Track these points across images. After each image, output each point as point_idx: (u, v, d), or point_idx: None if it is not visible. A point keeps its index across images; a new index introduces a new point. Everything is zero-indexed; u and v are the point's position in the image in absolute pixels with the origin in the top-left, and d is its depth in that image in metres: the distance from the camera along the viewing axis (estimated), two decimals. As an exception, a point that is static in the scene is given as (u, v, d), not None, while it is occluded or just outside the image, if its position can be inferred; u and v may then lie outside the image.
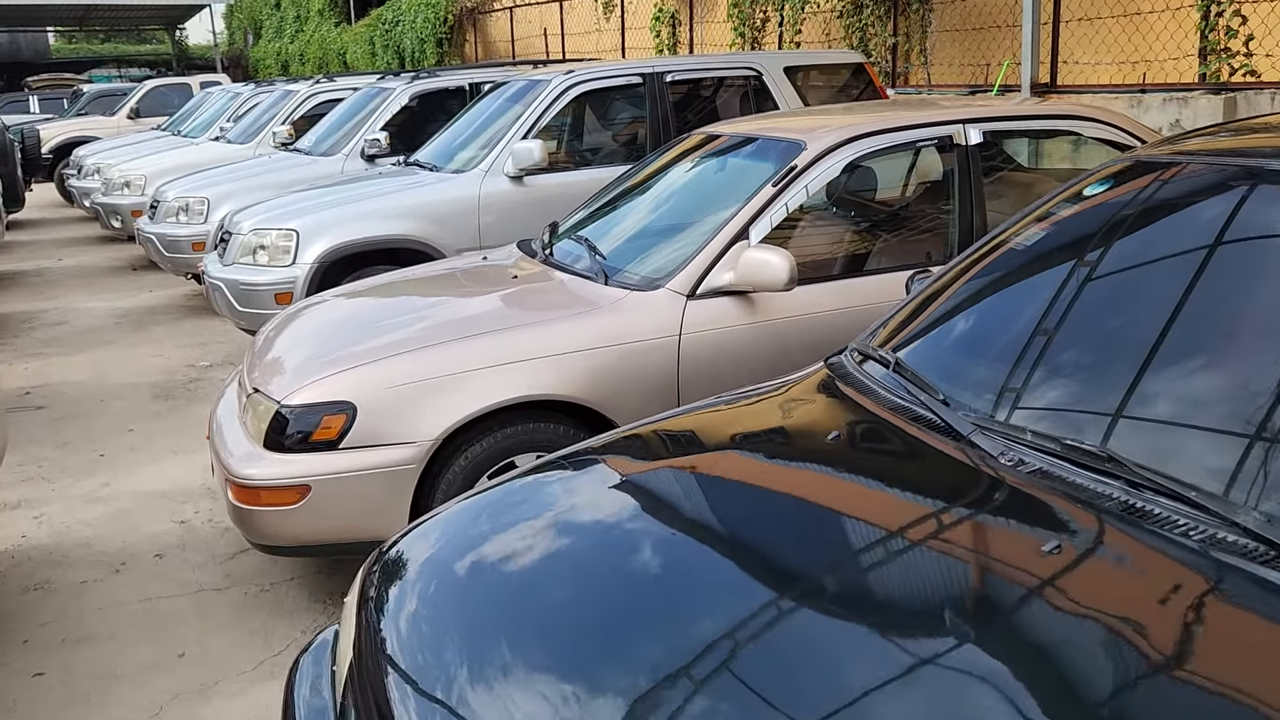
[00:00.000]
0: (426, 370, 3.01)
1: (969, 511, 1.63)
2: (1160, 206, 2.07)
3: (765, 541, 1.65)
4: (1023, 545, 1.50)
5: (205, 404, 5.55)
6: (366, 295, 3.87)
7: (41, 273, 9.96)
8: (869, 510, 1.70)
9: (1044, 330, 1.97)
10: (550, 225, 4.27)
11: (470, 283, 3.80)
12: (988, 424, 1.81)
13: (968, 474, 1.72)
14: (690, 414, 2.25)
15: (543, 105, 5.82)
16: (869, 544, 1.58)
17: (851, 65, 6.67)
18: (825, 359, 2.39)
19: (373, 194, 5.73)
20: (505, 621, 1.59)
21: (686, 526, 1.76)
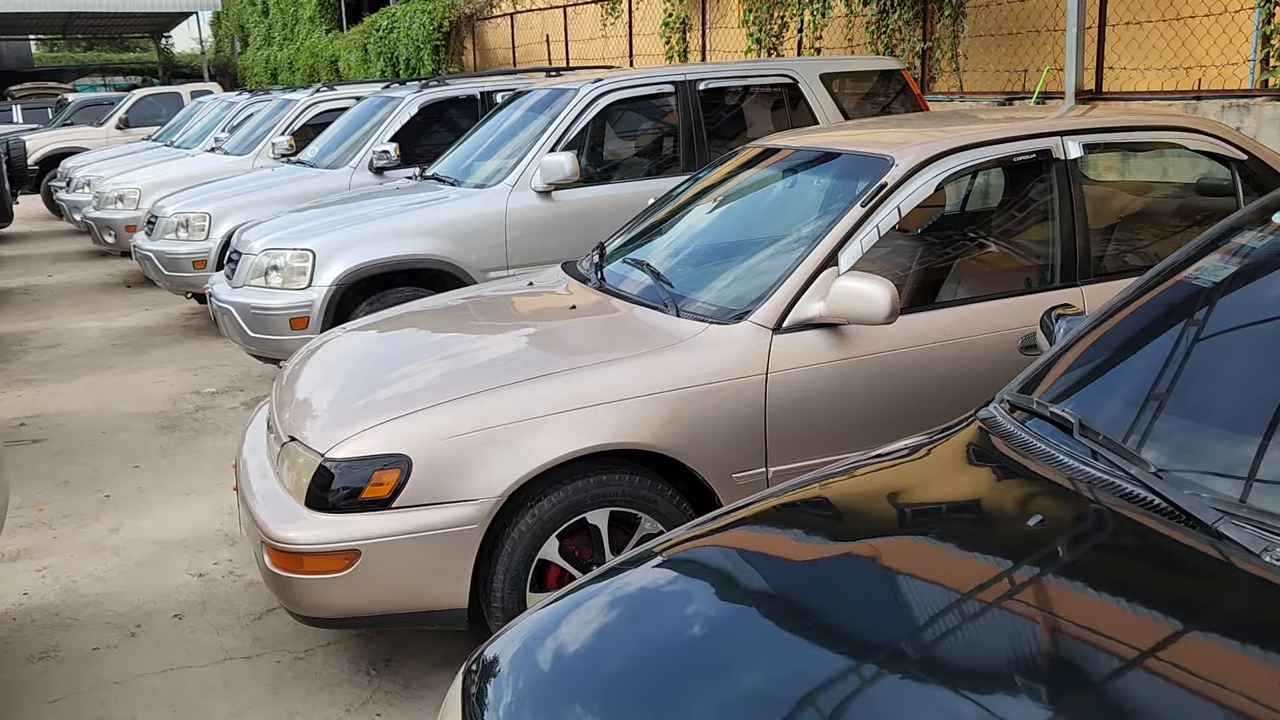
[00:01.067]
0: (490, 417, 2.67)
1: (1248, 633, 1.31)
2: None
3: (1003, 679, 1.30)
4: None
5: (214, 436, 5.20)
6: (406, 326, 3.53)
7: (31, 290, 9.57)
8: (1135, 634, 1.34)
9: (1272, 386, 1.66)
10: (598, 246, 3.95)
11: (523, 313, 3.47)
12: (1233, 509, 1.49)
13: (1231, 578, 1.41)
14: (825, 483, 1.93)
15: (571, 115, 5.50)
16: (1157, 685, 1.25)
17: (888, 72, 6.38)
18: (975, 413, 2.07)
19: (392, 211, 5.39)
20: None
21: (870, 650, 1.41)
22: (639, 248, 3.79)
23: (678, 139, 5.74)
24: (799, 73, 6.03)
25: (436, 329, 3.42)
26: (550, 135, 5.45)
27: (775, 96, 6.03)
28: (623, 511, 2.78)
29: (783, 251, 3.16)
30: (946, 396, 3.01)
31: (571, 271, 3.80)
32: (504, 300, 3.65)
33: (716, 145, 5.80)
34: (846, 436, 2.94)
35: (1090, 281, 3.19)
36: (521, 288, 3.77)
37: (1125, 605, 1.40)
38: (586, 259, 3.95)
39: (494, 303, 3.64)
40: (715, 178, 4.06)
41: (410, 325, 3.54)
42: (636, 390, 2.76)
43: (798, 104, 6.01)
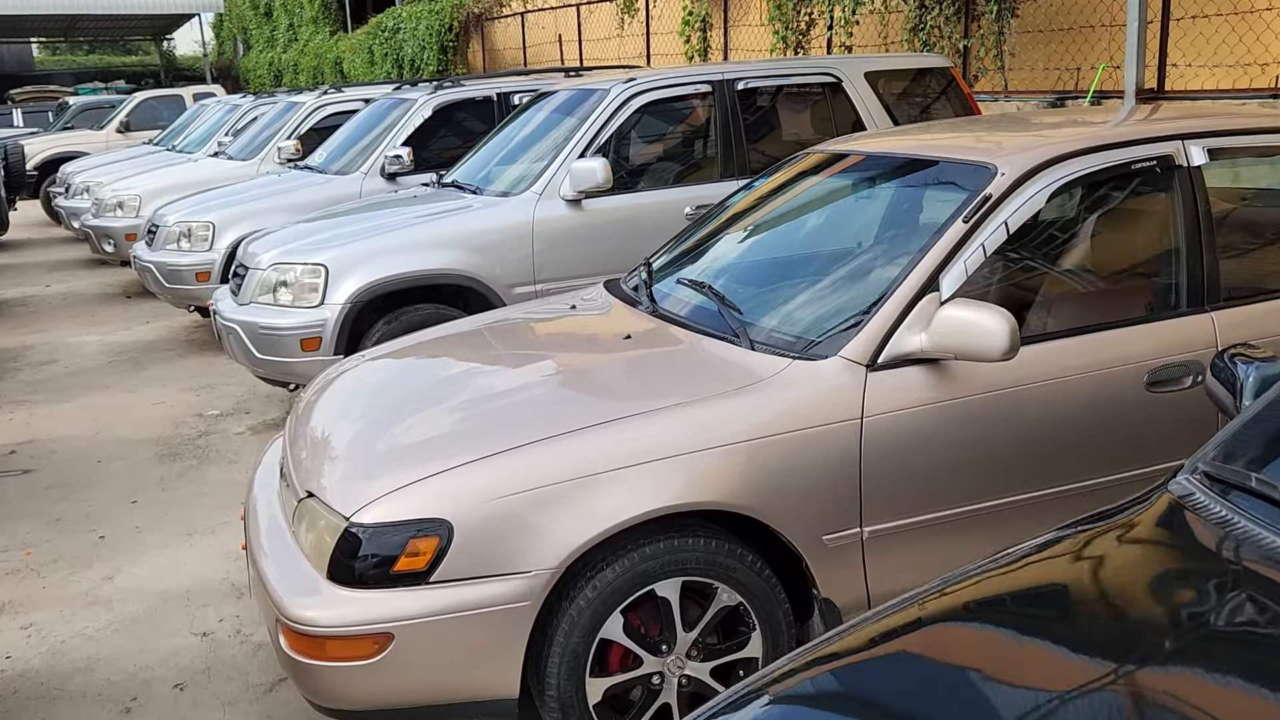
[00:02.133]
0: (544, 473, 2.27)
1: None
2: None
3: None
4: None
5: (218, 465, 4.80)
6: (436, 355, 3.13)
7: (28, 301, 9.19)
8: None
9: None
10: (644, 264, 3.55)
11: (571, 342, 3.06)
12: None
13: None
14: (979, 582, 1.53)
15: (602, 117, 5.10)
16: None
17: (937, 70, 5.98)
18: (1163, 484, 1.67)
19: (409, 221, 4.99)
20: None
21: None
22: (691, 266, 3.39)
23: (715, 142, 5.34)
24: (843, 71, 5.64)
25: (472, 359, 3.02)
26: (580, 139, 5.05)
27: (817, 97, 5.64)
28: (697, 581, 2.38)
29: (867, 273, 2.77)
30: (1064, 441, 2.62)
31: (617, 292, 3.40)
32: (547, 326, 3.25)
33: (756, 149, 5.41)
34: (952, 490, 2.54)
35: (1221, 306, 2.79)
36: (563, 310, 3.37)
37: None
38: (632, 277, 3.56)
39: (536, 329, 3.24)
40: (771, 186, 3.66)
41: (441, 354, 3.14)
42: (712, 439, 2.36)
43: (840, 105, 5.61)
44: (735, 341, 2.68)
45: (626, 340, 2.85)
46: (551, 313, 3.40)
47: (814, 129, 5.66)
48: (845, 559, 2.48)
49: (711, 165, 5.33)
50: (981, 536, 2.58)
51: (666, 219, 5.14)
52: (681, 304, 3.05)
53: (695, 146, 5.50)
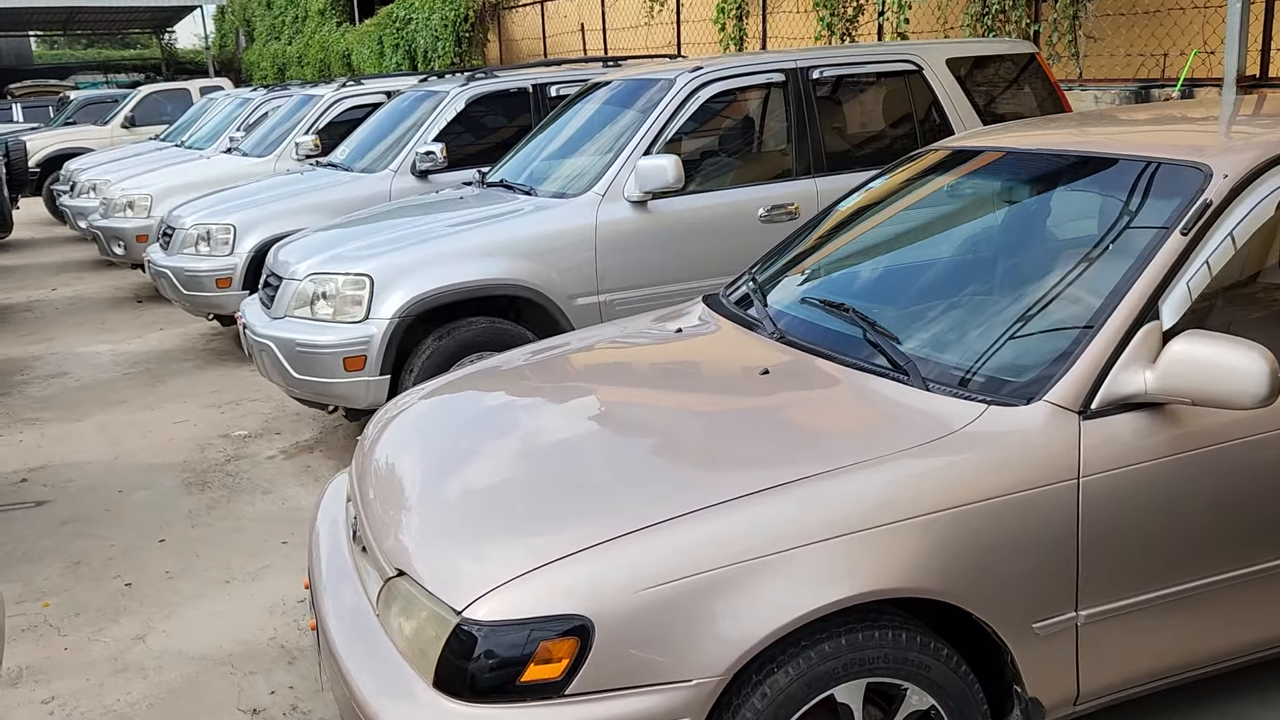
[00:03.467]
0: (700, 555, 1.83)
1: None
2: None
3: None
4: None
5: (251, 496, 4.36)
6: (524, 390, 2.68)
7: (34, 306, 8.74)
8: None
9: None
10: (749, 277, 3.11)
11: (692, 376, 2.59)
12: None
13: None
14: None
15: (668, 110, 4.64)
16: None
17: (1021, 57, 5.51)
18: None
19: (458, 226, 4.53)
20: None
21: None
22: (814, 281, 2.95)
23: (789, 137, 4.88)
24: (923, 58, 5.18)
25: (572, 396, 2.56)
26: (645, 134, 4.59)
27: (895, 86, 5.17)
28: (883, 682, 1.93)
29: (1055, 295, 2.31)
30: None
31: (723, 310, 2.95)
32: (654, 354, 2.79)
33: (833, 144, 4.95)
34: (1184, 562, 2.09)
35: None
36: (666, 333, 2.91)
37: None
38: (733, 290, 3.11)
39: (641, 358, 2.78)
40: (890, 187, 3.21)
41: (531, 388, 2.69)
42: (901, 509, 1.91)
43: (920, 94, 5.15)
44: (904, 380, 2.22)
45: (764, 376, 2.39)
46: (652, 336, 2.95)
47: (892, 121, 5.20)
48: (1056, 649, 2.04)
49: (785, 161, 4.87)
50: (1217, 613, 2.14)
51: (739, 221, 4.69)
52: (815, 328, 2.59)
53: (768, 141, 5.04)
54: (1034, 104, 5.52)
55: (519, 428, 2.41)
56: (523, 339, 4.38)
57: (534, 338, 4.41)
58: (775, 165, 4.92)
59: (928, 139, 5.11)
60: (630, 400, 2.45)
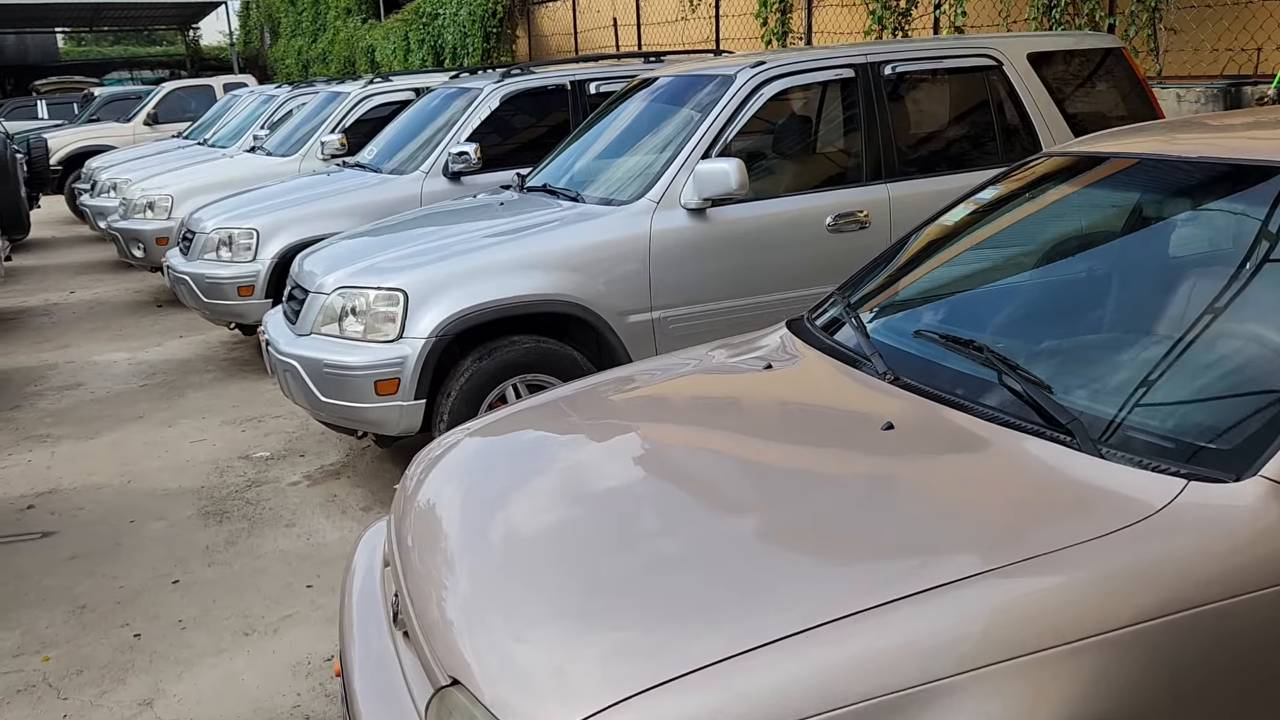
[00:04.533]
0: (837, 681, 1.43)
1: None
2: None
3: None
4: None
5: (273, 529, 4.00)
6: (590, 435, 2.29)
7: (50, 310, 8.44)
8: None
9: None
10: (842, 300, 2.70)
11: (793, 427, 2.18)
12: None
13: None
14: None
15: (728, 108, 4.24)
16: None
17: (1107, 52, 5.08)
18: None
19: (499, 235, 4.15)
20: None
21: None
22: (922, 306, 2.54)
23: (859, 138, 4.46)
24: (1003, 52, 4.75)
25: (655, 450, 2.16)
26: (703, 135, 4.19)
27: (973, 82, 4.75)
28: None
29: (1244, 335, 1.90)
30: None
31: (814, 340, 2.55)
32: (744, 396, 2.39)
33: (906, 146, 4.53)
34: None
35: None
36: (750, 365, 2.51)
37: None
38: (819, 315, 2.71)
39: (728, 401, 2.38)
40: (1000, 197, 2.80)
41: (601, 436, 2.29)
42: (1093, 622, 1.51)
43: (1000, 91, 4.72)
44: (1069, 443, 1.81)
45: (887, 432, 1.99)
46: (732, 367, 2.55)
47: (970, 120, 4.78)
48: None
49: (855, 165, 4.46)
50: None
51: (805, 231, 4.29)
52: (938, 369, 2.18)
53: (835, 142, 4.63)
54: (1119, 103, 5.08)
55: (592, 489, 2.02)
56: (570, 360, 4.00)
57: (581, 358, 4.03)
58: (843, 169, 4.51)
59: (1008, 140, 4.69)
60: (726, 456, 2.06)
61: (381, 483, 4.41)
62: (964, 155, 4.70)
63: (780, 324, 2.84)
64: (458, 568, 1.90)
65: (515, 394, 3.95)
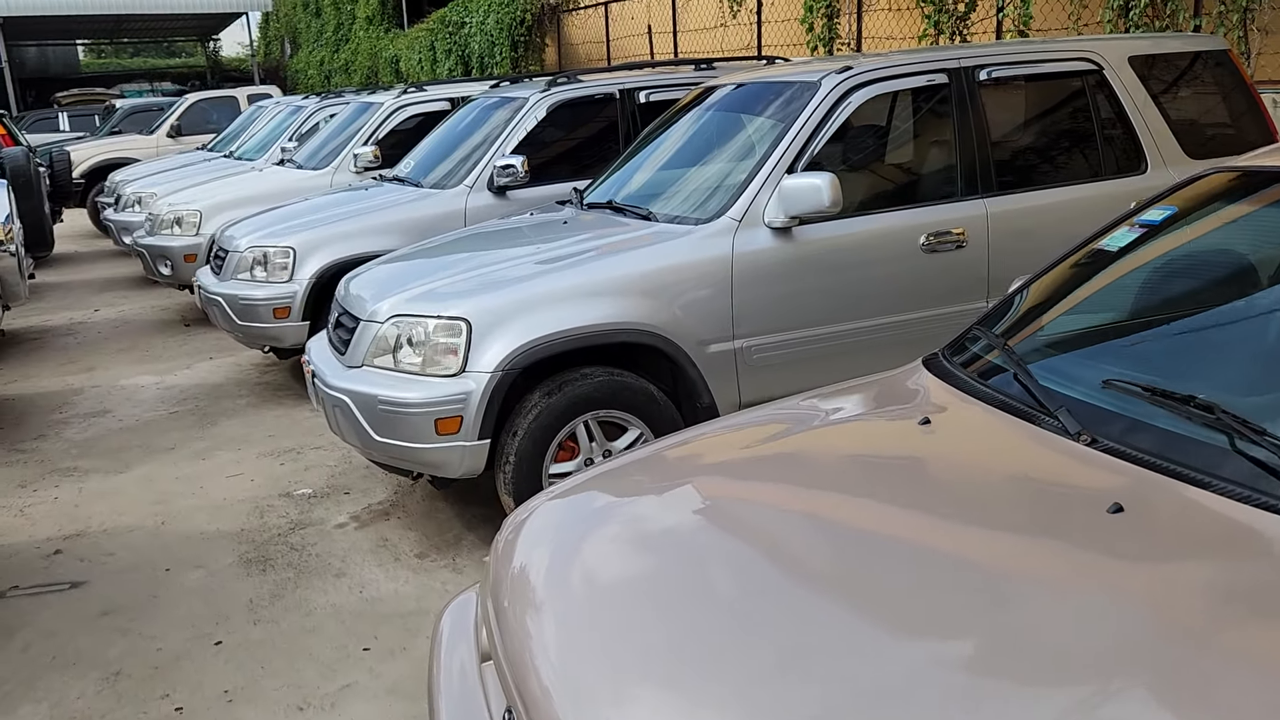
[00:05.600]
0: None
1: None
2: None
3: None
4: None
5: (321, 580, 3.66)
6: (734, 509, 1.93)
7: (74, 329, 8.15)
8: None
9: None
10: (992, 336, 2.34)
11: (988, 508, 1.81)
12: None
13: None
14: None
15: (814, 118, 3.89)
16: None
17: (1213, 55, 4.70)
18: None
19: (566, 258, 3.81)
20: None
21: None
22: (1101, 346, 2.18)
23: (953, 149, 4.10)
24: (1103, 56, 4.38)
25: (807, 528, 1.80)
26: (788, 147, 3.84)
27: (1072, 88, 4.38)
28: None
29: None
30: None
31: (968, 387, 2.18)
32: (901, 457, 2.02)
33: (1003, 157, 4.17)
34: None
35: None
36: (903, 422, 2.15)
37: None
38: (961, 353, 2.36)
39: (882, 463, 2.02)
40: (1165, 216, 2.44)
41: (726, 496, 1.94)
42: None
43: (1100, 98, 4.36)
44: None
45: (1117, 516, 1.62)
46: (874, 421, 2.19)
47: (1069, 129, 4.42)
48: None
49: (949, 179, 4.10)
50: None
51: (897, 251, 3.94)
52: (1151, 431, 1.81)
53: (927, 154, 4.27)
54: (1224, 109, 4.71)
55: (740, 579, 1.66)
56: (646, 394, 3.64)
57: (658, 393, 3.68)
58: (936, 183, 4.15)
59: (1109, 150, 4.33)
60: (897, 543, 1.69)
61: (435, 525, 4.07)
62: (1064, 167, 4.34)
63: (913, 364, 2.49)
64: (571, 657, 1.55)
65: (586, 432, 3.60)
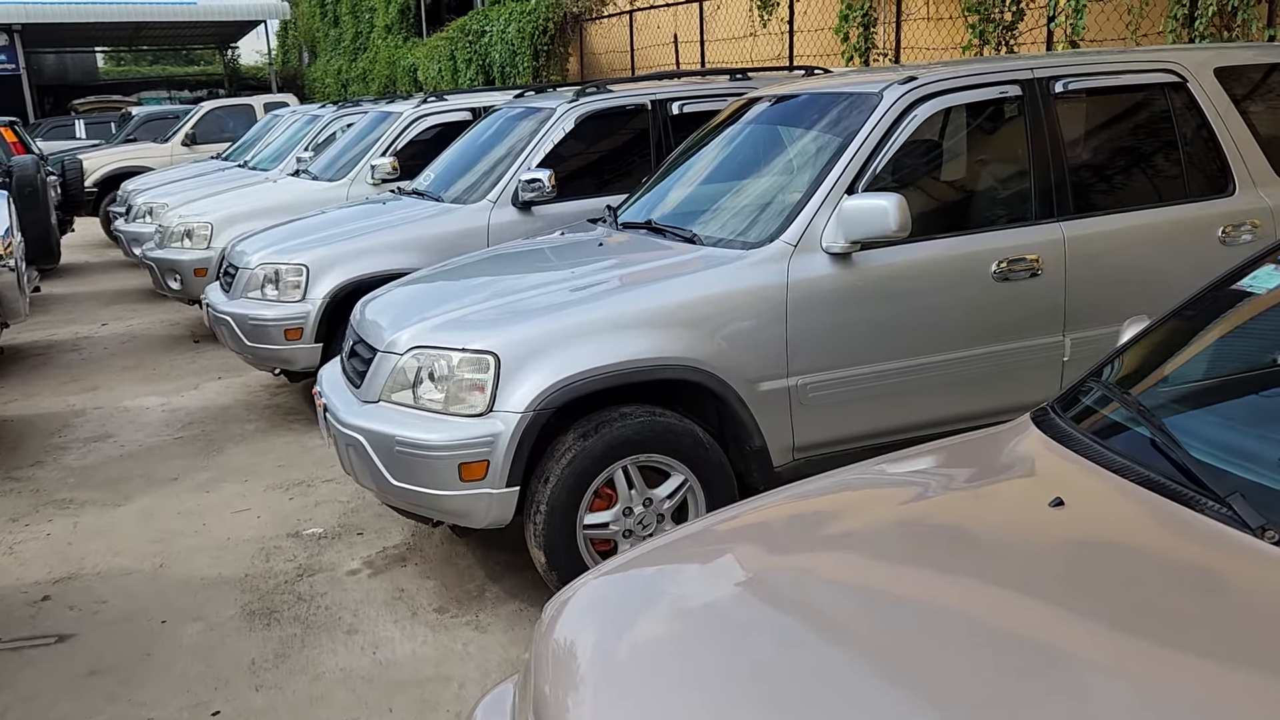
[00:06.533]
0: None
1: None
2: None
3: None
4: None
5: (331, 636, 3.32)
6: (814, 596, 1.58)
7: (79, 345, 7.86)
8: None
9: None
10: (1112, 387, 1.99)
11: (1162, 626, 1.44)
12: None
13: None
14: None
15: (875, 133, 3.53)
16: None
17: (1303, 66, 4.34)
18: None
19: (603, 284, 3.46)
20: None
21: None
22: (1260, 414, 1.82)
23: (1028, 167, 3.75)
24: (1186, 67, 4.02)
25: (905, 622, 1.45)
26: (847, 165, 3.49)
27: (1152, 101, 4.02)
28: None
29: None
30: None
31: (1094, 455, 1.83)
32: (1023, 547, 1.66)
33: (1080, 177, 3.81)
34: None
35: None
36: (1021, 494, 1.80)
37: None
38: (1076, 409, 2.00)
39: (999, 552, 1.66)
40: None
41: (810, 585, 1.59)
42: None
43: (1183, 112, 3.99)
44: None
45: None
46: (990, 500, 1.84)
47: (1150, 146, 4.06)
48: None
49: (1022, 200, 3.74)
50: None
51: (968, 279, 3.58)
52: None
53: (997, 173, 3.92)
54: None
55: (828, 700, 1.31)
56: (690, 437, 3.29)
57: (704, 435, 3.33)
58: (1008, 205, 3.80)
59: (1194, 169, 3.96)
60: (1062, 676, 1.33)
61: (455, 574, 3.73)
62: (1144, 188, 3.98)
63: (1019, 421, 2.14)
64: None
65: (625, 479, 3.25)
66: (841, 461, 3.60)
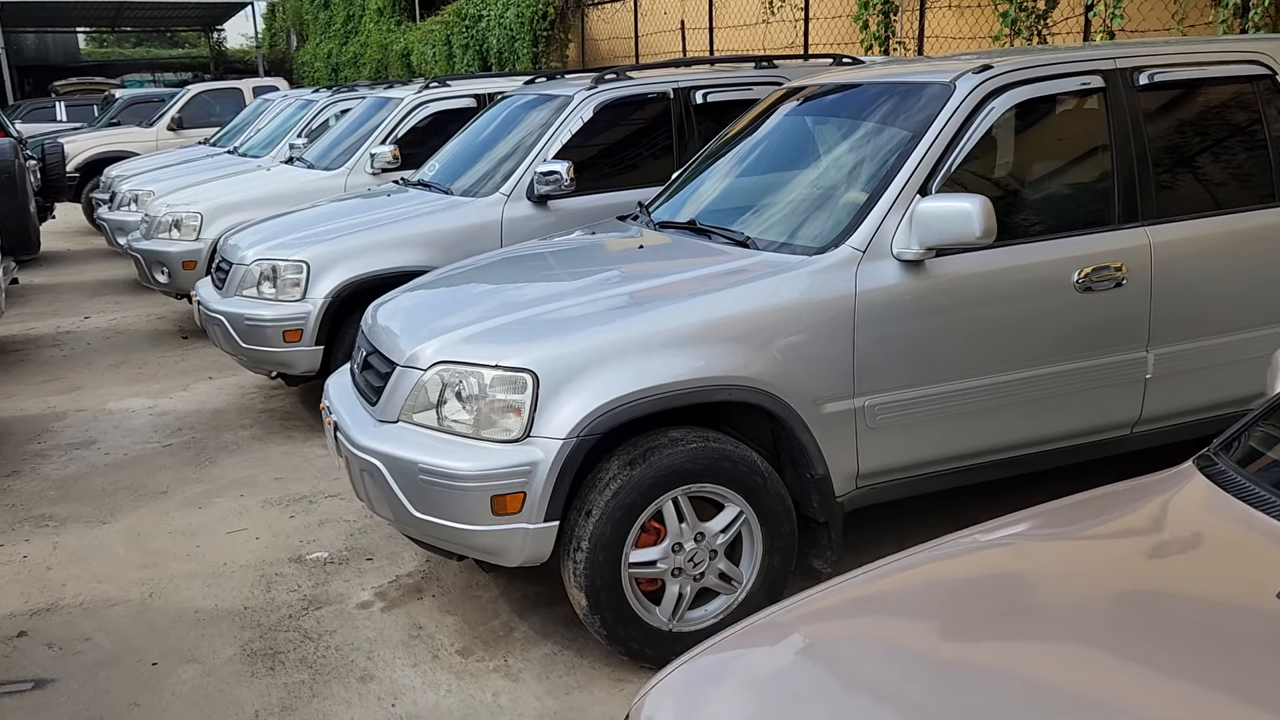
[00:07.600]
0: None
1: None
2: None
3: None
4: None
5: (342, 684, 2.96)
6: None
7: (61, 340, 7.45)
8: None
9: None
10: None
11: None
12: None
13: None
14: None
15: (948, 127, 3.19)
16: None
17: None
18: None
19: (648, 293, 3.11)
20: None
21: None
22: None
23: (1111, 166, 3.41)
24: (1273, 58, 3.70)
25: None
26: (919, 163, 3.14)
27: (1238, 95, 3.69)
28: None
29: None
30: None
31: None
32: (1251, 647, 1.33)
33: (1166, 177, 3.48)
34: None
35: None
36: (1229, 581, 1.46)
37: None
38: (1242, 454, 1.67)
39: (1218, 648, 1.33)
40: None
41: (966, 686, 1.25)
42: None
43: (1271, 107, 3.67)
44: None
45: None
46: (1165, 563, 1.51)
47: (1235, 143, 3.72)
48: None
49: (1104, 202, 3.41)
50: None
51: (1048, 289, 3.25)
52: None
53: (1079, 172, 3.58)
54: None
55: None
56: (747, 464, 2.95)
57: (762, 463, 2.98)
58: (1089, 208, 3.46)
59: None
60: None
61: (478, 608, 3.38)
62: (1231, 189, 3.64)
63: (1182, 468, 1.81)
64: None
65: (676, 511, 2.91)
66: (905, 489, 3.29)
